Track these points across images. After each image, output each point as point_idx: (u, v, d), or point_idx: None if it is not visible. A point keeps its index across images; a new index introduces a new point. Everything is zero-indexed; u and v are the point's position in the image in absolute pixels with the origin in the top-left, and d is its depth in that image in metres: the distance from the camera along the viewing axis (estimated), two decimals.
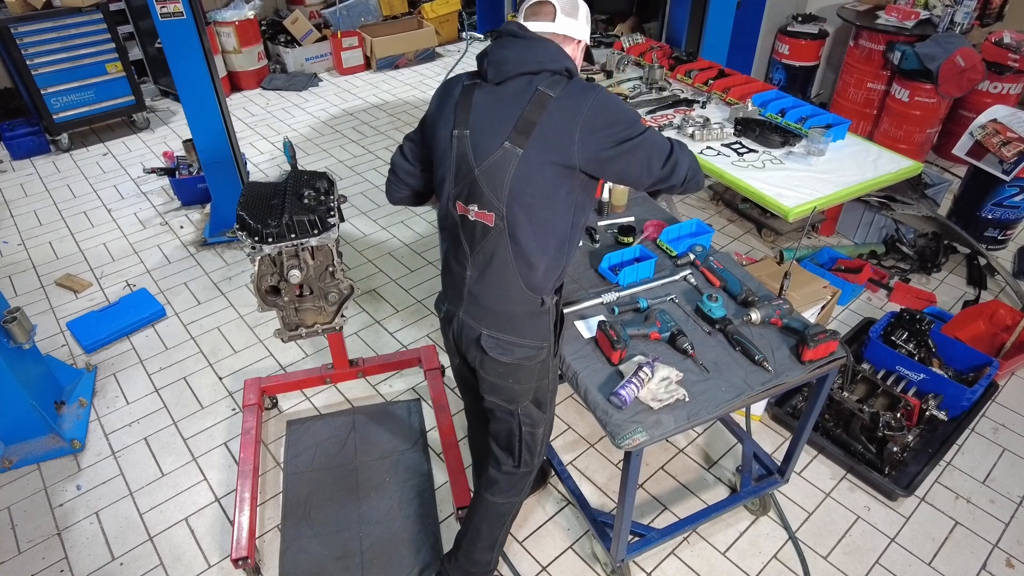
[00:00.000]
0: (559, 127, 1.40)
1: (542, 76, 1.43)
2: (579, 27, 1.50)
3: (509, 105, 1.43)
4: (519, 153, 1.40)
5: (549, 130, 1.40)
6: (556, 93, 1.40)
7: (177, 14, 2.99)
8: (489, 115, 1.45)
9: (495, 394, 1.69)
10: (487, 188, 1.45)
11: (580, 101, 1.41)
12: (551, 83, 1.42)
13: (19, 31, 4.25)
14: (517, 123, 1.41)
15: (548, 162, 1.41)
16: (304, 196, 2.07)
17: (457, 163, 1.48)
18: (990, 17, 4.30)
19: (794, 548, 2.20)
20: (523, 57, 1.43)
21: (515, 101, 1.43)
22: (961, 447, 2.54)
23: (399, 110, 5.42)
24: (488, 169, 1.44)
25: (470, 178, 1.47)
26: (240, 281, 3.45)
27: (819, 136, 2.62)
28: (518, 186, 1.42)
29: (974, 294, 3.31)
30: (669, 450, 2.53)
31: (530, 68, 1.43)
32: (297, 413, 2.70)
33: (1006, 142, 3.24)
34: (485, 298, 1.57)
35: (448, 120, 1.50)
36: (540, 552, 2.19)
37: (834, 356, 1.76)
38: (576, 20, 1.49)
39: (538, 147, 1.40)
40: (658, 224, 2.27)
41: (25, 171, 4.57)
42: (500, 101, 1.44)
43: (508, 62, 1.43)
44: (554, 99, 1.40)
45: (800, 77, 4.93)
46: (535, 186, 1.43)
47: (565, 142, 1.40)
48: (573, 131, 1.39)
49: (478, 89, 1.48)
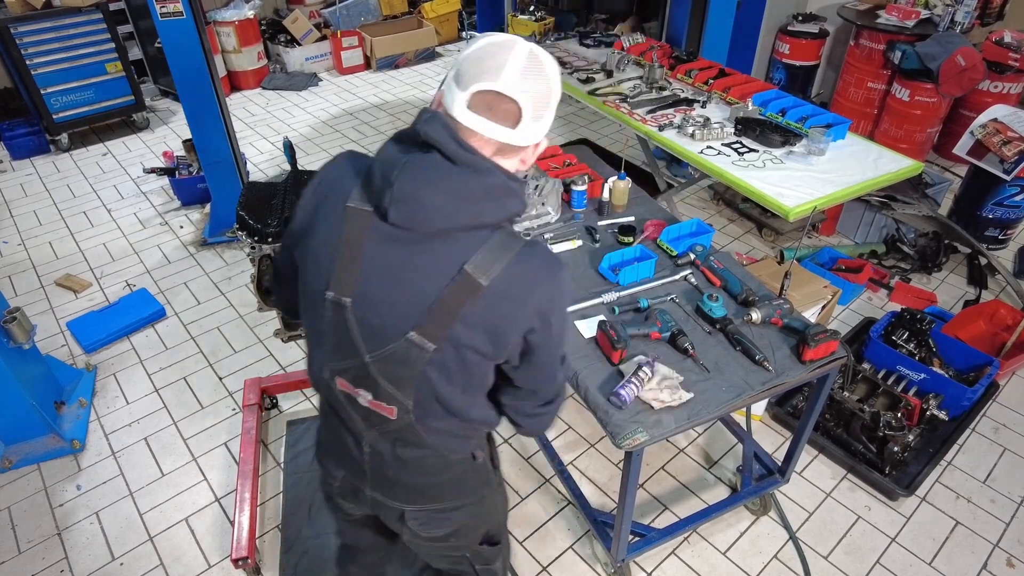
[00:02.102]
0: (490, 326, 1.01)
1: (475, 237, 0.98)
2: (543, 128, 1.01)
3: (421, 276, 0.99)
4: (430, 350, 1.01)
5: (476, 326, 1.00)
6: (491, 278, 0.97)
7: (177, 14, 2.98)
8: (387, 282, 1.00)
9: (434, 559, 1.50)
10: (383, 380, 1.06)
11: (526, 294, 1.01)
12: (487, 257, 0.97)
13: (19, 31, 4.25)
14: (432, 309, 0.98)
15: (470, 357, 1.04)
16: None
17: (336, 336, 1.06)
18: (990, 16, 4.29)
19: (795, 548, 2.19)
20: (452, 207, 0.95)
21: (430, 273, 0.98)
22: (962, 447, 2.53)
23: (399, 110, 5.42)
24: (384, 360, 1.04)
25: (357, 362, 1.06)
26: (240, 281, 3.45)
27: (819, 136, 2.62)
28: (428, 384, 1.06)
29: (975, 294, 3.31)
30: (669, 450, 2.52)
31: (460, 223, 0.97)
32: (297, 413, 2.69)
33: (1007, 141, 3.23)
34: (397, 476, 1.22)
35: (319, 267, 1.04)
36: (540, 552, 2.19)
37: (834, 356, 1.76)
38: (542, 121, 0.99)
39: (457, 343, 1.01)
40: (658, 224, 2.27)
41: (25, 171, 4.57)
42: (407, 265, 0.99)
43: (427, 211, 0.95)
44: (487, 289, 0.97)
45: (800, 77, 4.92)
46: (452, 380, 1.06)
47: (496, 344, 1.03)
48: (510, 335, 1.03)
49: (371, 230, 0.99)
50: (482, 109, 0.94)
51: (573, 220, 2.37)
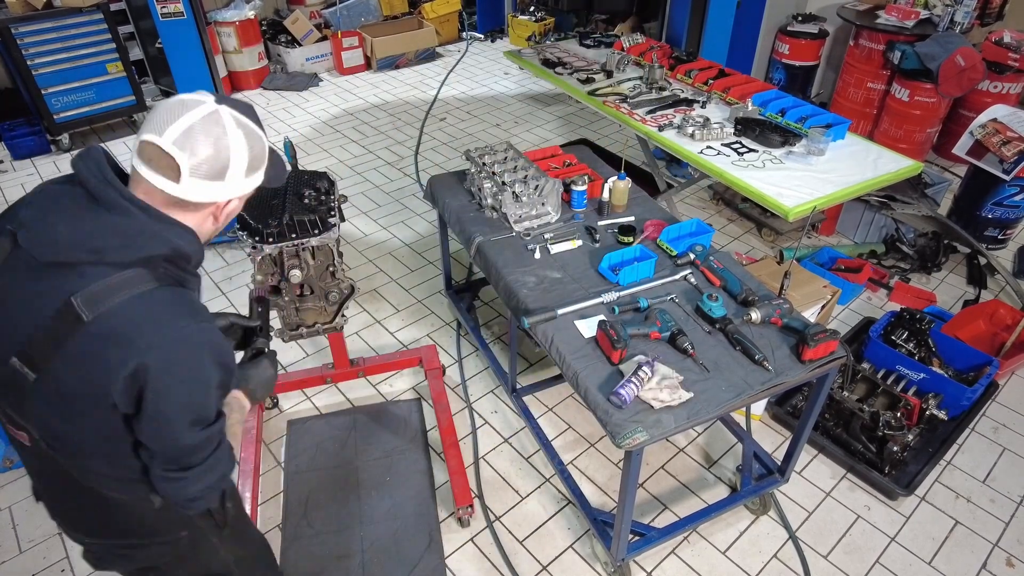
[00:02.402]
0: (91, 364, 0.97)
1: (99, 272, 0.96)
2: (222, 190, 1.04)
3: (33, 302, 0.97)
4: (31, 379, 0.98)
5: (76, 361, 0.97)
6: (96, 313, 0.94)
7: (178, 14, 3.00)
8: (2, 306, 1.00)
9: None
10: (4, 403, 1.06)
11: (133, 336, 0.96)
12: (100, 292, 0.95)
13: (19, 31, 4.25)
14: (33, 336, 0.96)
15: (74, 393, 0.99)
16: (305, 196, 2.07)
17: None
18: (990, 16, 4.30)
19: (794, 547, 2.20)
20: (73, 238, 0.96)
21: (43, 301, 0.96)
22: (961, 446, 2.54)
23: (399, 110, 5.43)
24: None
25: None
26: (241, 281, 3.45)
27: (819, 136, 2.62)
28: (42, 417, 1.03)
29: (974, 293, 3.31)
30: (669, 449, 2.53)
31: (80, 257, 0.96)
32: (297, 413, 2.70)
33: (1006, 141, 3.24)
34: (66, 508, 1.19)
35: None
36: (540, 552, 2.19)
37: (834, 355, 1.76)
38: (217, 183, 1.02)
39: (57, 377, 0.98)
40: (658, 224, 2.27)
41: (26, 171, 4.57)
42: (23, 290, 0.98)
43: (49, 239, 0.96)
44: (90, 325, 0.95)
45: (800, 77, 4.92)
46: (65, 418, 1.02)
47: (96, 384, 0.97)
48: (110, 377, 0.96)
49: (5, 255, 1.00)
50: (145, 159, 0.99)
51: (573, 220, 2.37)
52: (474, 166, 2.48)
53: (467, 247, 2.33)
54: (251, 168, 1.08)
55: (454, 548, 2.20)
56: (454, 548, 2.20)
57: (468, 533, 2.25)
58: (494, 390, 2.80)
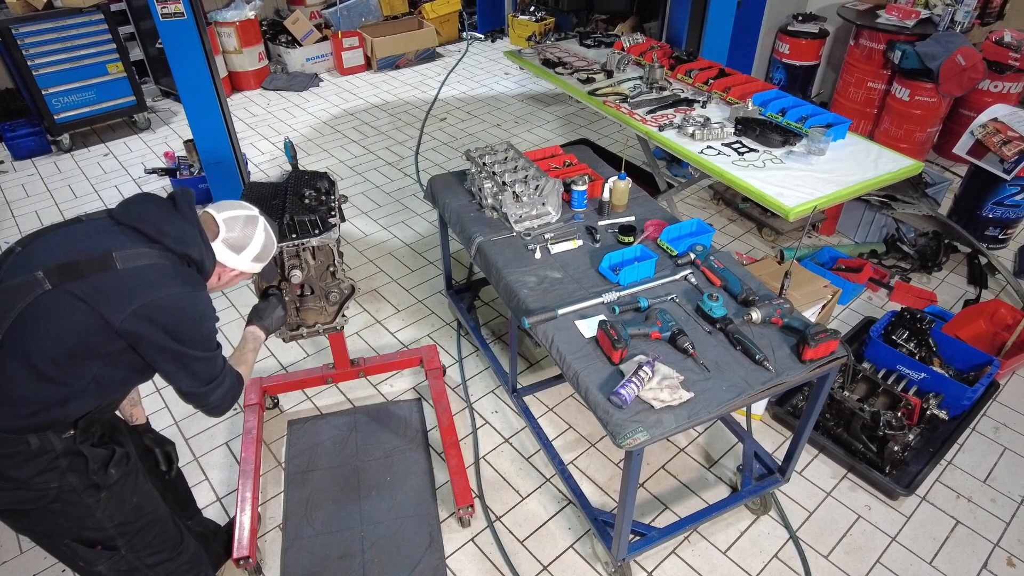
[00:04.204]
0: (115, 291, 1.29)
1: (142, 247, 1.35)
2: (235, 260, 1.54)
3: (89, 239, 1.34)
4: (43, 289, 1.26)
5: (102, 287, 1.29)
6: (125, 266, 1.30)
7: (178, 14, 2.99)
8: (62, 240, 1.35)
9: (26, 534, 1.52)
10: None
11: (150, 290, 1.31)
12: (139, 254, 1.33)
13: (20, 31, 4.26)
14: (64, 265, 1.28)
15: (84, 310, 1.27)
16: (305, 196, 2.07)
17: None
18: (991, 16, 4.30)
19: (795, 547, 2.20)
20: (156, 219, 1.40)
21: (91, 240, 1.34)
22: (962, 446, 2.54)
23: (400, 110, 5.43)
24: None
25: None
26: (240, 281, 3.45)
27: (819, 135, 2.62)
28: (17, 324, 1.26)
29: (975, 293, 3.31)
30: (670, 449, 2.53)
31: (149, 230, 1.37)
32: (298, 413, 2.70)
33: (1007, 141, 3.24)
34: None
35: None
36: (541, 552, 2.20)
37: (835, 355, 1.76)
38: (237, 255, 1.54)
39: (76, 292, 1.27)
40: (659, 224, 2.27)
41: (26, 171, 4.58)
42: (87, 235, 1.36)
43: (140, 216, 1.39)
44: (118, 272, 1.30)
45: (800, 76, 4.93)
46: (52, 327, 1.27)
47: (96, 321, 1.28)
48: (110, 315, 1.28)
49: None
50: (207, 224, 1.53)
51: (573, 220, 2.37)
52: (474, 166, 2.48)
53: (467, 247, 2.33)
54: (258, 258, 1.60)
55: (455, 548, 2.20)
56: (455, 548, 2.20)
57: (469, 533, 2.25)
58: (494, 390, 2.80)
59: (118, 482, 1.48)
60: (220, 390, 1.49)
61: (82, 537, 1.48)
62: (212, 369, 1.46)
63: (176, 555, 1.68)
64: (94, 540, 1.50)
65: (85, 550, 1.50)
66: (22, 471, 1.33)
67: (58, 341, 1.27)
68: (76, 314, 1.27)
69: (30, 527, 1.45)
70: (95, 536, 1.49)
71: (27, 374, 1.27)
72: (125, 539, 1.54)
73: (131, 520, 1.54)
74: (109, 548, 1.53)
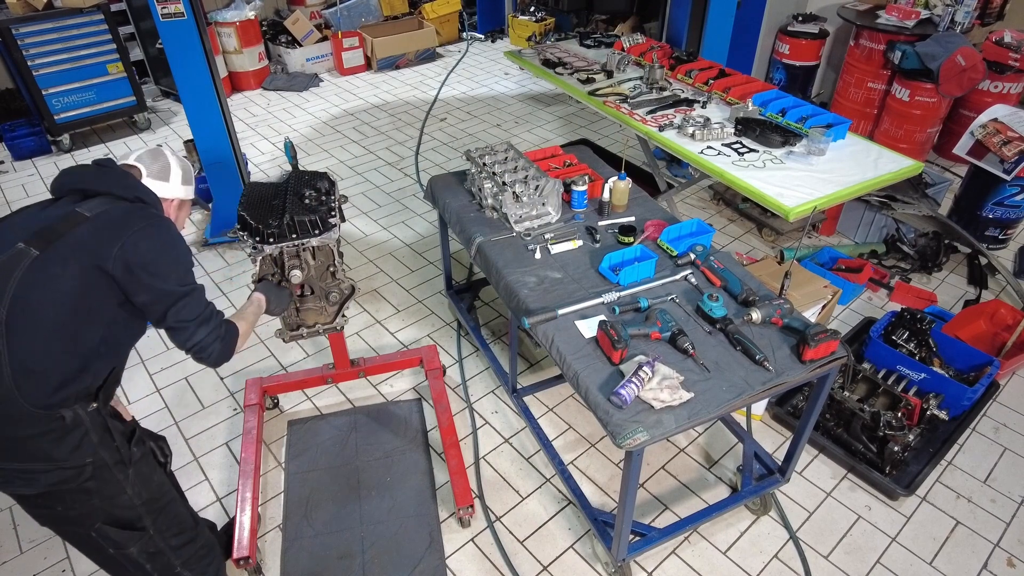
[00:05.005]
0: (95, 238, 1.38)
1: (95, 200, 1.45)
2: (168, 189, 1.62)
3: (38, 215, 1.43)
4: (32, 256, 1.33)
5: (84, 239, 1.38)
6: (94, 213, 1.41)
7: (178, 15, 2.99)
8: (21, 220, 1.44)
9: (54, 525, 1.52)
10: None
11: (121, 228, 1.40)
12: (102, 203, 1.43)
13: (20, 32, 4.26)
14: (40, 230, 1.37)
15: (77, 265, 1.35)
16: (305, 196, 2.07)
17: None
18: (991, 16, 4.30)
19: (795, 547, 2.20)
20: (95, 178, 1.49)
21: (45, 213, 1.43)
22: (962, 446, 2.54)
23: (400, 110, 5.43)
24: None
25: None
26: (241, 281, 3.45)
27: (819, 136, 2.62)
28: (23, 288, 1.32)
29: (975, 293, 3.31)
30: (670, 449, 2.53)
31: (99, 188, 1.47)
32: (298, 413, 2.70)
33: (1007, 141, 3.24)
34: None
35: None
36: (541, 552, 2.19)
37: (835, 355, 1.76)
38: (167, 183, 1.62)
39: (62, 251, 1.35)
40: (659, 224, 2.27)
41: (26, 171, 4.57)
42: (34, 214, 1.44)
43: (82, 179, 1.49)
44: (89, 220, 1.39)
45: (800, 77, 4.93)
46: (50, 292, 1.33)
47: (103, 250, 1.38)
48: (100, 258, 1.37)
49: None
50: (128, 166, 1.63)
51: (573, 220, 2.37)
52: (474, 166, 2.48)
53: (467, 247, 2.33)
54: (185, 180, 1.66)
55: (455, 548, 2.20)
56: (455, 548, 2.20)
57: (469, 533, 2.25)
58: (495, 390, 2.80)
59: (140, 460, 1.55)
60: (206, 327, 1.53)
61: (113, 517, 1.52)
62: (196, 306, 1.52)
63: (194, 537, 1.74)
64: (124, 520, 1.54)
65: (116, 531, 1.54)
66: (60, 449, 1.38)
67: (58, 305, 1.33)
68: (69, 270, 1.34)
69: (63, 513, 1.47)
70: (126, 515, 1.54)
71: (42, 347, 1.33)
72: (152, 517, 1.59)
73: (156, 497, 1.60)
74: (138, 529, 1.57)
